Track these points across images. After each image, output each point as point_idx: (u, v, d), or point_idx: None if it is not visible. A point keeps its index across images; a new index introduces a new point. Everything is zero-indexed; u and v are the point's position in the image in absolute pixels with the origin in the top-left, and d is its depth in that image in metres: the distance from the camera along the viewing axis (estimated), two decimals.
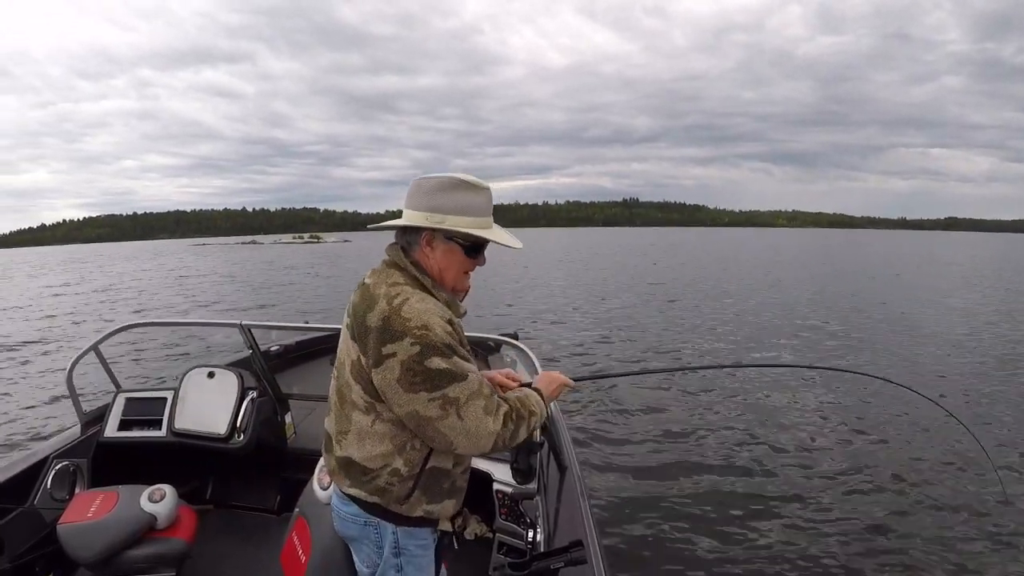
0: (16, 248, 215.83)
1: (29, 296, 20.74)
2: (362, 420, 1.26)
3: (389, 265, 1.31)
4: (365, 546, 1.36)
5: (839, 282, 20.27)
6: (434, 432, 1.20)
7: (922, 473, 4.57)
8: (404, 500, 1.29)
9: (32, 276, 32.95)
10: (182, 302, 17.01)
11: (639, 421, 5.77)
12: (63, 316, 14.40)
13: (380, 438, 1.26)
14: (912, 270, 26.61)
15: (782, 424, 5.74)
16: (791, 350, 9.20)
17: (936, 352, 8.92)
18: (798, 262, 32.58)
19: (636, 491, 4.26)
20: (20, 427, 5.75)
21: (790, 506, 4.05)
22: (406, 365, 1.16)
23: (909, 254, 43.34)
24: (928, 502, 4.11)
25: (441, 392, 1.17)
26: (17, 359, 9.14)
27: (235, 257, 48.32)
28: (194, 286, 22.45)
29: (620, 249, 49.97)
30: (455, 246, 1.29)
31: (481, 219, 1.29)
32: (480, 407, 1.21)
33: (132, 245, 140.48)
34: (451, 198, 1.26)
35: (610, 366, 8.22)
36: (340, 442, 1.31)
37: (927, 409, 5.60)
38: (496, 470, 2.06)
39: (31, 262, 54.95)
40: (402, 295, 1.21)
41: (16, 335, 11.45)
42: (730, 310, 13.34)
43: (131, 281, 25.49)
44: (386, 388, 1.19)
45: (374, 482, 1.28)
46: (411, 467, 1.28)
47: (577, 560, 1.47)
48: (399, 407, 1.20)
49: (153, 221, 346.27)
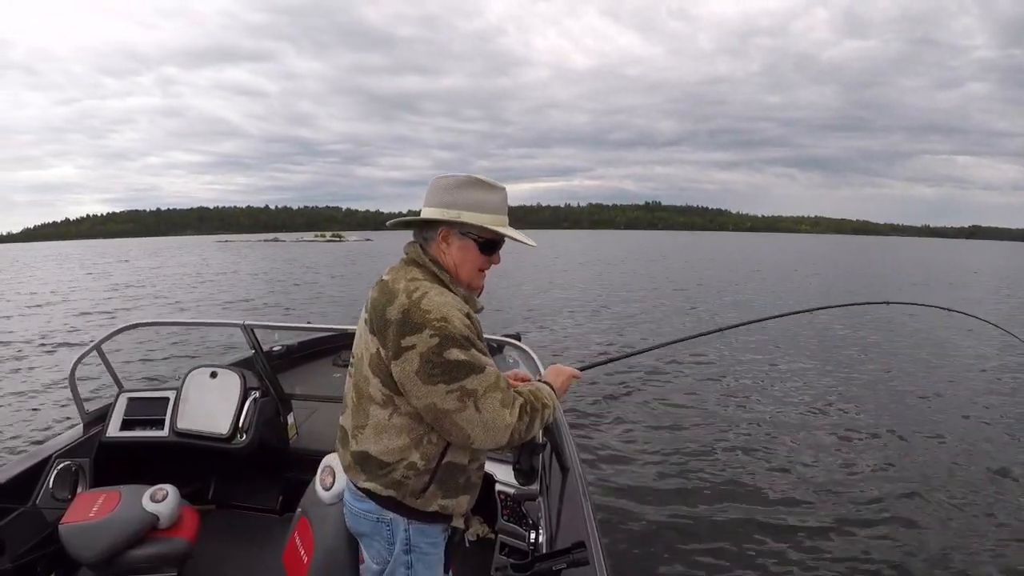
0: (42, 241, 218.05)
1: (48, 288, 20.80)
2: (380, 414, 1.28)
3: (408, 262, 1.35)
4: (376, 542, 1.36)
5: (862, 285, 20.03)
6: (451, 425, 1.22)
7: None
8: (420, 494, 1.30)
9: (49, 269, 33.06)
10: (204, 300, 16.95)
11: (643, 421, 5.77)
12: (79, 313, 14.46)
13: (397, 431, 1.27)
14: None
15: (788, 423, 5.74)
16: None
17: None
18: (825, 266, 32.35)
19: (639, 492, 4.25)
20: (22, 427, 5.76)
21: (795, 507, 4.05)
22: (425, 357, 1.18)
23: (938, 261, 42.64)
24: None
25: (459, 384, 1.19)
26: (27, 355, 9.16)
27: (261, 254, 48.69)
28: (226, 283, 22.45)
29: (647, 252, 49.03)
30: (470, 243, 1.33)
31: (497, 217, 1.33)
32: (497, 400, 1.22)
33: (155, 241, 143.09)
34: (468, 195, 1.31)
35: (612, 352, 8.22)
36: (356, 437, 1.32)
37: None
38: (498, 471, 2.05)
39: (54, 255, 55.34)
40: (421, 289, 1.24)
41: (31, 330, 11.50)
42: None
43: (159, 278, 25.38)
44: (405, 380, 1.21)
45: (390, 475, 1.28)
46: (427, 461, 1.28)
47: (579, 561, 1.46)
48: (417, 399, 1.21)
49: (177, 217, 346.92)
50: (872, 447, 5.18)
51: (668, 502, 4.11)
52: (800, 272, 27.34)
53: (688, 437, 5.35)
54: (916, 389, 7.05)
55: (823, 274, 26.49)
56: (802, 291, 19.03)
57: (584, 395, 6.53)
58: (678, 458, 4.88)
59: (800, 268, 30.09)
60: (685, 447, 5.12)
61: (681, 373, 7.73)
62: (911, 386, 7.22)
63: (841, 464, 4.80)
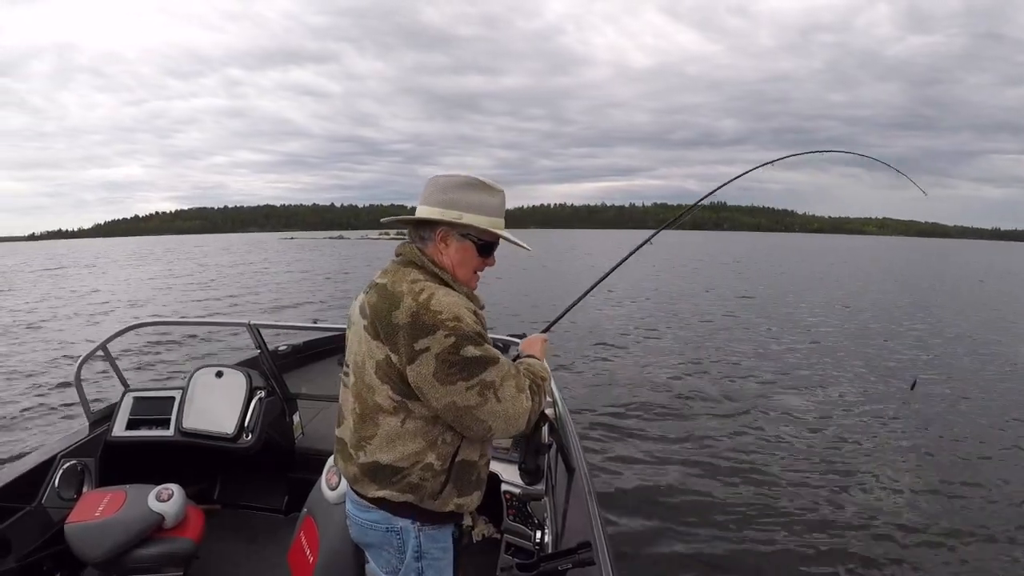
0: (112, 237, 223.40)
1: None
2: (391, 422, 1.26)
3: (404, 264, 1.32)
4: (386, 551, 1.35)
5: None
6: (472, 420, 1.22)
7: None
8: (437, 495, 1.29)
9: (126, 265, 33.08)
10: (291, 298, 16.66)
11: (648, 421, 5.75)
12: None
13: (412, 436, 1.25)
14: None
15: (794, 422, 5.71)
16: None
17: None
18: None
19: (645, 492, 4.24)
20: (28, 426, 5.78)
21: (803, 507, 4.02)
22: (441, 357, 1.18)
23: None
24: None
25: (478, 379, 1.20)
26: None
27: (336, 251, 48.71)
28: (311, 281, 22.34)
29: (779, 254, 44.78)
30: (469, 244, 1.33)
31: (495, 219, 1.34)
32: (513, 386, 1.25)
33: (225, 237, 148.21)
34: (468, 196, 1.30)
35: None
36: (364, 448, 1.29)
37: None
38: (504, 471, 2.04)
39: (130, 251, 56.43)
40: (428, 290, 1.23)
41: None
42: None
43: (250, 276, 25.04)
44: (422, 383, 1.20)
45: (406, 479, 1.26)
46: (443, 461, 1.28)
47: (585, 561, 1.45)
48: (437, 400, 1.21)
49: (244, 215, 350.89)
50: (901, 454, 5.09)
51: (675, 502, 4.09)
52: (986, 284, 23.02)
53: (696, 437, 5.32)
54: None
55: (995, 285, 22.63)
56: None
57: (589, 395, 6.53)
58: (685, 458, 4.86)
59: (986, 279, 25.75)
60: (692, 447, 5.09)
61: (693, 374, 7.70)
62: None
63: (866, 468, 4.70)
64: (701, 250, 49.02)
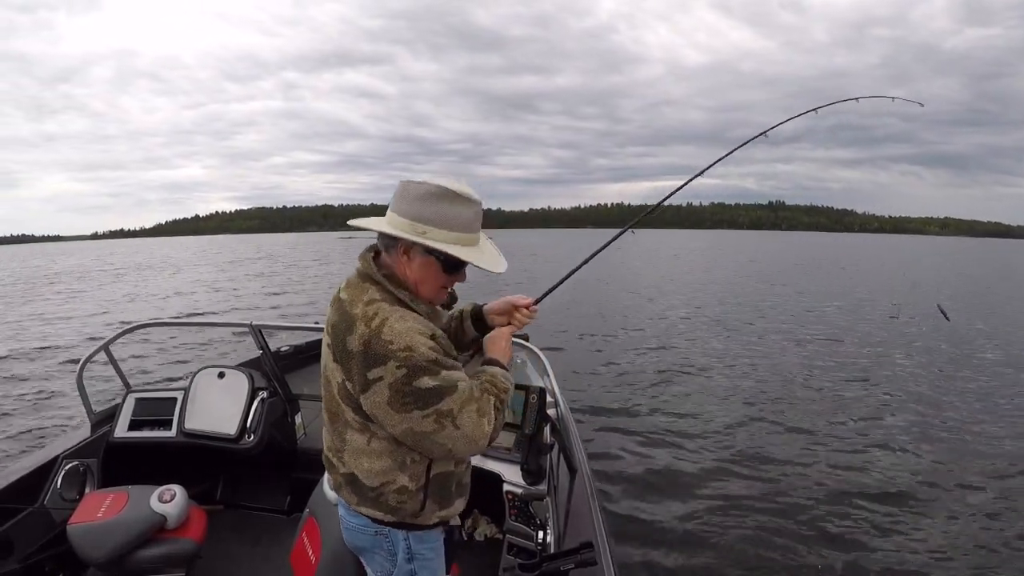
0: (173, 236, 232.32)
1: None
2: (358, 439, 1.25)
3: (363, 279, 1.25)
4: (378, 555, 1.35)
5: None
6: (431, 444, 1.19)
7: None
8: (419, 513, 1.29)
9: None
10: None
11: (651, 421, 5.74)
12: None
13: (378, 455, 1.24)
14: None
15: (797, 420, 5.69)
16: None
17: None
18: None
19: (647, 492, 4.23)
20: (30, 426, 5.79)
21: (806, 510, 4.00)
22: (394, 387, 1.13)
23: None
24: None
25: (434, 408, 1.14)
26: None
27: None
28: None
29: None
30: (433, 260, 1.23)
31: (465, 235, 1.22)
32: (474, 412, 1.18)
33: (284, 237, 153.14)
34: (435, 209, 1.19)
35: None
36: (340, 458, 1.29)
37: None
38: (506, 471, 2.04)
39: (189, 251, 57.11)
40: (380, 315, 1.16)
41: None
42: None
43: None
44: (377, 411, 1.17)
45: (384, 502, 1.26)
46: (417, 480, 1.26)
47: (587, 561, 1.45)
48: (392, 427, 1.18)
49: (302, 214, 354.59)
50: (909, 456, 5.02)
51: (677, 502, 4.08)
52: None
53: (699, 436, 5.31)
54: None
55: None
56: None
57: (594, 395, 6.52)
58: (687, 457, 4.85)
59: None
60: (694, 447, 5.08)
61: (695, 374, 7.69)
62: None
63: (871, 469, 4.67)
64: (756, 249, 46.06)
